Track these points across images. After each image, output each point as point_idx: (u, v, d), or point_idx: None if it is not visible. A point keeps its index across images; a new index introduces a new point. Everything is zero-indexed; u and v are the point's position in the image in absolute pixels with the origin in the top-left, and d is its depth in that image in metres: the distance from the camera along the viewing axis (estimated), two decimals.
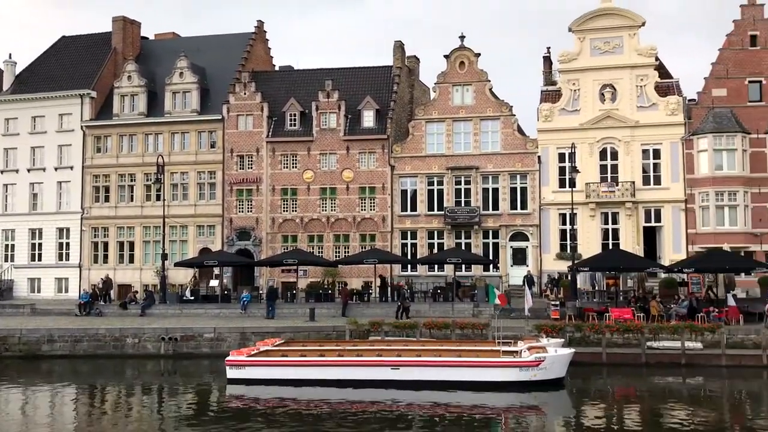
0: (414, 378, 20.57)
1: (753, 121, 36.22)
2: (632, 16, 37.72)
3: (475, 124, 39.04)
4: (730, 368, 23.25)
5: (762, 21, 37.51)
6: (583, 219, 36.85)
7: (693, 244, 35.76)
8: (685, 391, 21.55)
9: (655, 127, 36.80)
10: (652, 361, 23.90)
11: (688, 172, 36.45)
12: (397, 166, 39.82)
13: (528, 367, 20.41)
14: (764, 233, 35.43)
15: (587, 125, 37.39)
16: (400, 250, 39.28)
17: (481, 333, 25.74)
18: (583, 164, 36.21)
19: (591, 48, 37.98)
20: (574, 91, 38.00)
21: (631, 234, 36.54)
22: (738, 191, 35.56)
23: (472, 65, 39.39)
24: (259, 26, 47.16)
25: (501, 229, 38.32)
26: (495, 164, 38.63)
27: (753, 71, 36.79)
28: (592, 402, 19.98)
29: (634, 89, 37.29)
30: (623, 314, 27.02)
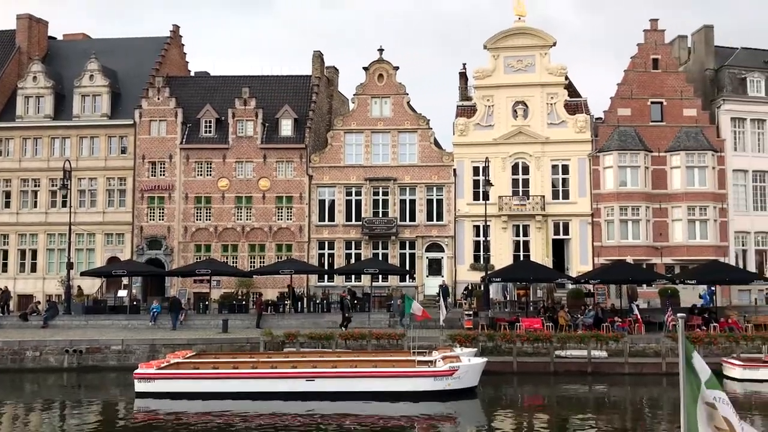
0: (330, 389, 20.47)
1: (654, 139, 38.23)
2: (544, 36, 39.16)
3: (393, 136, 39.44)
4: (633, 375, 24.35)
5: (663, 45, 39.75)
6: (495, 231, 37.80)
7: (599, 256, 37.29)
8: (590, 398, 22.39)
9: (564, 144, 38.26)
10: (560, 370, 24.73)
11: (594, 187, 38.04)
12: (315, 176, 39.69)
13: (442, 377, 20.68)
14: (664, 246, 37.38)
15: (500, 140, 38.46)
16: (317, 261, 39.10)
17: (396, 343, 25.94)
18: (496, 178, 37.20)
19: (505, 65, 39.15)
20: (489, 107, 39.03)
21: (541, 246, 37.76)
22: (640, 206, 37.40)
23: (391, 78, 39.84)
24: (174, 30, 46.06)
25: (417, 240, 38.79)
26: (412, 176, 39.12)
27: (655, 92, 38.85)
28: (503, 410, 20.44)
29: (545, 107, 38.67)
30: (533, 324, 27.86)
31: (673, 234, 37.73)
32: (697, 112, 38.69)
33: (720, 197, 38.00)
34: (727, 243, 38.02)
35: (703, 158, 37.84)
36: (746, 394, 21.81)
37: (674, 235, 37.70)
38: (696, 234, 37.54)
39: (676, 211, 37.76)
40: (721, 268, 32.37)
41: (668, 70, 39.17)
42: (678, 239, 37.57)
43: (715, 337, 25.86)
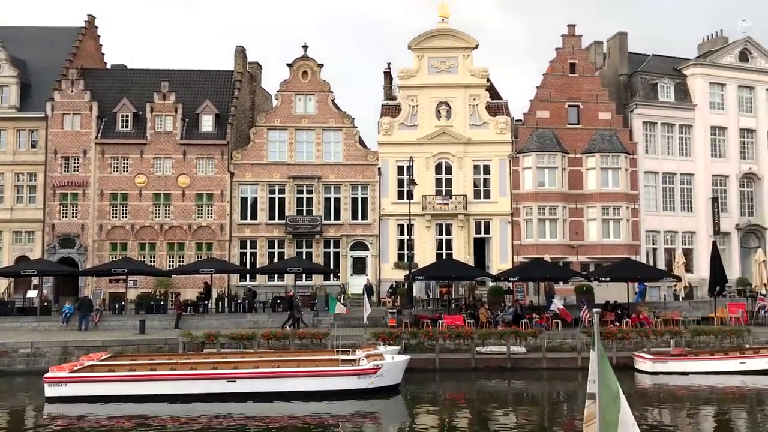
0: (251, 390, 20.17)
1: (571, 141, 39.51)
2: (467, 39, 39.80)
3: (318, 134, 39.22)
4: (550, 370, 25.06)
5: (580, 51, 41.13)
6: (419, 230, 38.18)
7: (518, 254, 38.24)
8: (509, 393, 22.88)
9: (485, 145, 39.03)
10: (481, 366, 25.19)
11: (514, 187, 38.97)
12: (237, 173, 38.99)
13: (366, 375, 20.72)
14: (580, 245, 38.69)
15: (424, 140, 38.85)
16: (239, 260, 38.44)
17: (320, 342, 25.79)
18: (420, 177, 37.59)
19: (429, 66, 39.58)
20: (413, 106, 39.37)
21: (463, 244, 38.39)
22: (558, 206, 38.57)
23: (315, 75, 39.59)
24: (89, 21, 44.25)
25: (342, 239, 38.71)
26: (337, 174, 39.01)
27: (572, 96, 40.15)
28: (425, 407, 20.62)
29: (468, 108, 39.33)
30: (455, 321, 28.28)
31: (588, 233, 39.12)
32: (612, 115, 40.25)
33: (632, 198, 39.66)
34: (639, 242, 39.74)
35: (616, 160, 39.37)
36: (656, 386, 22.80)
37: (589, 234, 39.09)
38: (610, 233, 39.06)
39: (591, 211, 39.16)
40: (633, 266, 33.73)
41: (585, 74, 40.55)
42: (593, 238, 38.97)
43: (627, 332, 26.90)
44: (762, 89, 43.65)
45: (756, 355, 25.06)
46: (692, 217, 41.45)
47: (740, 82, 43.23)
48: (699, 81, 42.44)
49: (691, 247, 41.13)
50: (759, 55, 43.85)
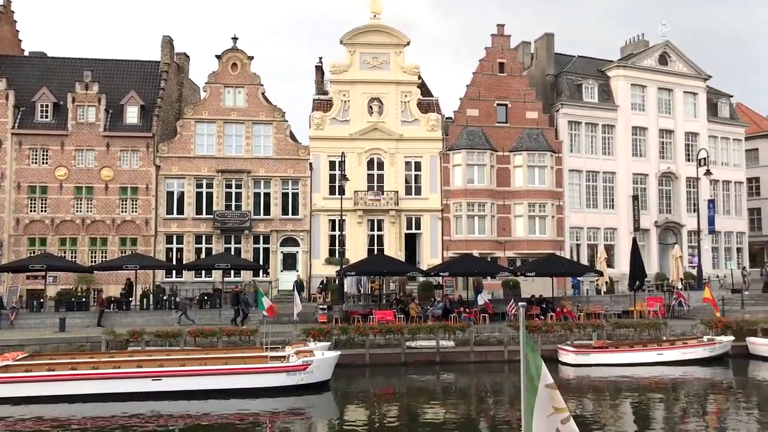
0: (178, 388, 19.73)
1: (500, 140, 40.25)
2: (398, 35, 39.95)
3: (248, 128, 38.60)
4: (478, 364, 25.51)
5: (509, 50, 41.91)
6: (351, 225, 38.14)
7: (448, 250, 38.71)
8: (438, 387, 23.15)
9: (417, 141, 39.31)
10: (411, 360, 25.39)
11: (444, 184, 39.42)
12: (164, 167, 37.98)
13: (295, 372, 20.58)
14: (507, 241, 39.48)
15: (356, 135, 38.82)
16: (165, 255, 37.47)
17: (249, 339, 25.45)
18: (352, 173, 37.54)
19: (361, 62, 39.54)
20: (345, 102, 39.26)
21: (395, 240, 38.58)
22: (486, 203, 39.25)
23: (245, 68, 38.95)
24: (5, 4, 42.16)
25: (272, 234, 38.27)
26: (267, 169, 38.51)
27: (500, 95, 40.88)
28: (355, 403, 20.64)
29: (399, 104, 39.52)
30: (386, 316, 28.41)
31: (515, 229, 39.97)
32: (539, 114, 41.21)
33: (557, 195, 40.75)
34: (563, 238, 40.88)
35: (542, 158, 40.35)
36: (578, 377, 23.51)
37: (516, 230, 39.95)
38: (536, 229, 40.02)
39: (518, 208, 40.02)
40: (558, 261, 34.67)
41: (513, 74, 41.35)
42: (519, 234, 39.85)
43: (552, 326, 27.63)
44: (680, 92, 45.59)
45: (672, 347, 26.21)
46: (614, 215, 42.94)
47: (660, 84, 45.01)
48: (621, 82, 43.97)
49: (613, 243, 42.60)
50: (677, 58, 45.76)
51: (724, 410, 19.56)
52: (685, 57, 45.90)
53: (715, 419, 18.55)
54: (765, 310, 31.59)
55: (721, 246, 46.76)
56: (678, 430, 17.10)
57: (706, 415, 19.11)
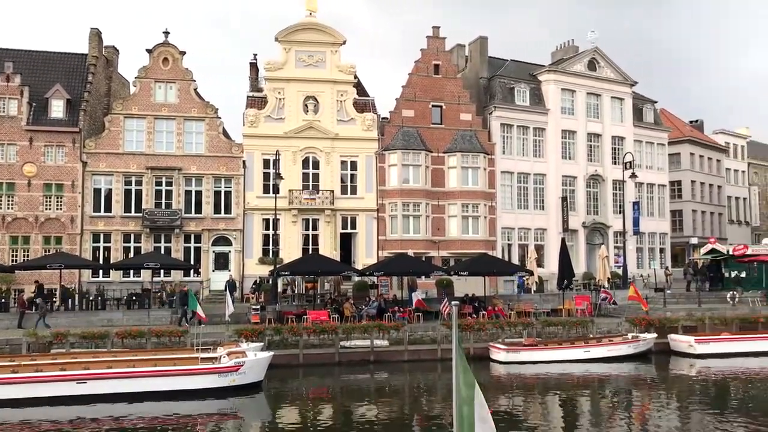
0: (105, 391, 19.10)
1: (435, 141, 40.66)
2: (334, 34, 39.83)
3: (179, 124, 37.74)
4: (412, 362, 25.67)
5: (444, 53, 42.38)
6: (285, 224, 37.81)
7: (383, 249, 38.85)
8: (372, 386, 23.17)
9: (352, 141, 39.29)
10: (345, 360, 25.35)
11: (380, 183, 39.54)
12: (90, 163, 36.72)
13: (227, 373, 20.24)
14: (441, 240, 39.91)
15: (291, 134, 38.49)
16: (91, 254, 36.24)
17: (179, 340, 24.88)
18: (287, 171, 37.24)
19: (296, 59, 39.24)
20: (280, 99, 38.87)
21: (330, 240, 38.45)
22: (421, 203, 39.58)
23: (177, 63, 38.07)
24: None
25: (204, 233, 37.52)
26: (199, 166, 37.74)
27: (435, 97, 41.30)
28: (288, 403, 20.43)
29: (335, 103, 39.40)
30: (320, 316, 28.27)
31: (449, 229, 40.46)
32: (472, 116, 41.84)
33: (490, 196, 41.46)
34: (495, 238, 41.63)
35: (476, 160, 40.98)
36: (509, 374, 23.96)
37: (450, 230, 40.45)
38: (469, 229, 40.62)
39: (452, 208, 40.52)
40: (490, 261, 35.25)
41: (448, 76, 41.85)
42: (453, 234, 40.37)
43: (484, 324, 28.06)
44: (607, 97, 47.11)
45: (598, 344, 27.02)
46: (544, 215, 44.01)
47: (588, 89, 46.38)
48: (552, 87, 45.09)
49: (543, 243, 43.64)
50: (605, 64, 47.26)
51: (646, 404, 20.30)
52: (612, 63, 47.45)
53: (639, 413, 19.22)
54: (686, 308, 32.96)
55: (645, 246, 48.56)
56: (604, 424, 17.63)
57: (631, 409, 19.79)
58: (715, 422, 17.34)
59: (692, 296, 36.26)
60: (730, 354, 27.41)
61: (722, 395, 21.54)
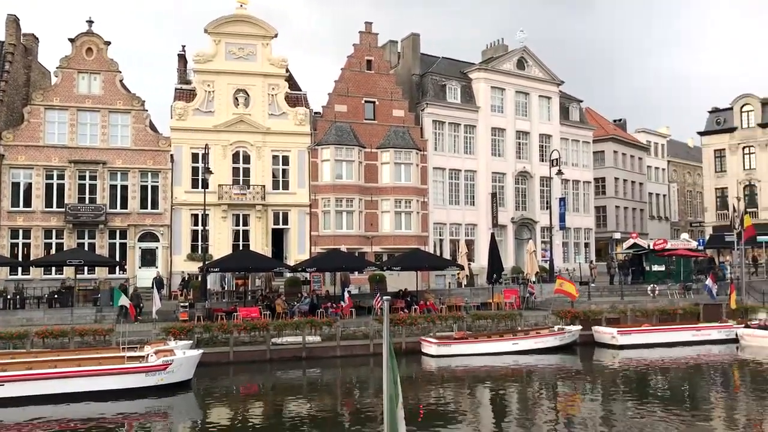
0: (25, 393, 18.33)
1: (368, 136, 40.72)
2: (266, 27, 39.30)
3: (104, 116, 36.51)
4: (344, 358, 25.65)
5: (377, 48, 42.45)
6: (215, 220, 37.14)
7: (315, 245, 38.67)
8: (304, 383, 23.04)
9: (284, 135, 38.90)
10: (276, 357, 25.12)
11: (313, 179, 39.31)
12: (9, 156, 35.10)
13: (155, 372, 19.76)
14: (374, 236, 40.03)
15: (221, 127, 37.81)
16: (9, 251, 34.67)
17: (104, 339, 24.11)
18: (216, 166, 36.59)
19: (226, 52, 38.54)
20: (209, 92, 38.12)
21: (261, 235, 37.99)
22: (354, 198, 39.58)
23: (102, 53, 36.80)
24: None
25: (129, 229, 36.45)
26: (124, 160, 36.62)
27: (368, 92, 41.34)
28: (218, 402, 20.10)
29: (266, 97, 38.91)
30: (251, 313, 27.91)
31: (382, 224, 40.62)
32: (405, 113, 42.10)
33: (422, 192, 41.84)
34: (428, 233, 42.06)
35: (408, 156, 41.26)
36: (440, 368, 24.26)
37: (383, 226, 40.62)
38: (402, 225, 40.90)
39: (385, 204, 40.70)
40: (422, 256, 35.57)
41: (380, 71, 41.96)
42: (386, 229, 40.56)
43: (416, 319, 28.32)
44: (535, 95, 48.23)
45: (526, 337, 27.68)
46: (474, 211, 44.75)
47: (517, 87, 47.36)
48: (482, 85, 45.82)
49: (473, 239, 44.37)
50: (534, 64, 48.35)
51: (571, 394, 20.94)
52: (540, 63, 48.59)
53: (564, 402, 19.81)
54: (609, 300, 34.13)
55: (571, 241, 50.03)
56: (531, 415, 18.09)
57: (557, 399, 20.37)
58: (636, 410, 18.05)
59: (615, 289, 37.58)
60: (650, 344, 28.56)
61: (643, 384, 22.42)
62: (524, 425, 16.88)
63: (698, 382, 23.26)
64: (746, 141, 51.13)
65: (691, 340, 29.51)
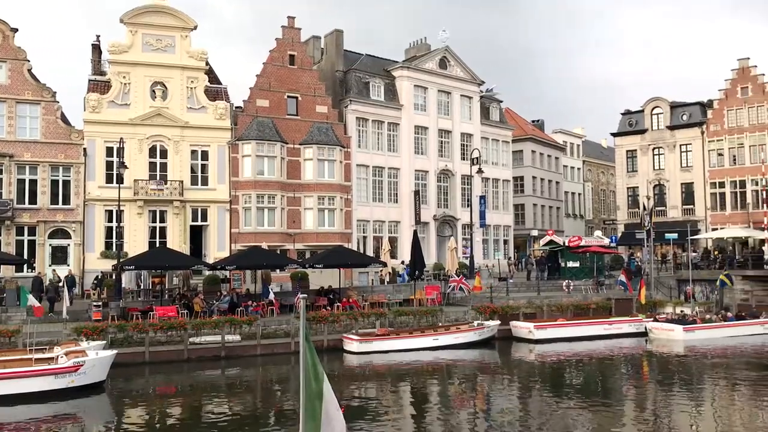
0: None
1: (290, 132, 40.30)
2: (185, 18, 38.26)
3: (10, 107, 34.65)
4: (265, 356, 25.34)
5: (299, 44, 42.05)
6: (130, 216, 35.92)
7: (236, 242, 37.97)
8: (223, 382, 22.60)
9: (204, 130, 38.01)
10: (194, 356, 24.56)
11: (233, 174, 38.58)
12: None
13: (65, 374, 18.95)
14: (297, 233, 39.67)
15: (137, 121, 36.58)
16: None
17: (9, 341, 22.90)
18: (132, 160, 35.40)
19: (143, 43, 37.30)
20: (125, 84, 36.80)
21: (179, 232, 37.01)
22: (276, 195, 39.10)
23: (8, 41, 34.91)
24: None
25: (39, 225, 34.76)
26: (33, 153, 34.89)
27: (291, 87, 40.91)
28: (133, 403, 19.45)
29: (185, 90, 37.90)
30: (168, 312, 27.17)
31: (304, 221, 40.30)
32: (328, 109, 41.89)
33: (345, 189, 41.76)
34: (351, 230, 42.03)
35: (332, 152, 41.10)
36: (362, 365, 24.30)
37: (306, 223, 40.31)
38: (325, 222, 40.70)
39: (307, 200, 40.39)
40: (345, 253, 35.49)
41: (303, 67, 41.59)
42: (309, 226, 40.26)
43: (338, 316, 28.26)
44: (457, 95, 48.96)
45: (447, 332, 28.10)
46: (398, 208, 45.04)
47: (440, 87, 47.95)
48: (405, 83, 46.15)
49: (396, 236, 44.66)
50: (455, 63, 49.05)
51: (490, 387, 21.38)
52: (462, 63, 49.34)
53: (483, 395, 20.21)
54: (526, 296, 35.02)
55: (491, 238, 51.10)
56: (451, 409, 18.35)
57: (476, 393, 20.75)
58: (551, 402, 18.60)
59: (532, 285, 38.62)
60: (565, 338, 29.54)
61: (558, 377, 23.15)
62: (445, 420, 17.10)
63: (610, 374, 24.22)
64: (656, 142, 53.52)
65: (603, 333, 30.70)
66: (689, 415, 17.53)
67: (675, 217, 51.01)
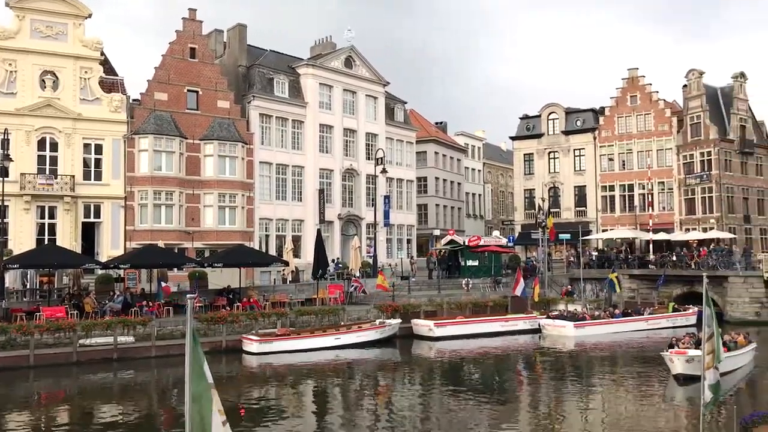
0: None
1: (190, 127, 39.17)
2: (78, 5, 36.42)
3: None
4: (160, 358, 24.48)
5: (201, 37, 40.94)
6: (16, 212, 33.86)
7: (131, 240, 36.53)
8: (116, 385, 21.70)
9: (97, 122, 36.35)
10: (84, 359, 23.45)
11: (129, 170, 37.09)
12: None
13: None
14: (196, 231, 38.61)
15: (25, 111, 34.51)
16: None
17: None
18: (18, 153, 33.37)
19: (32, 29, 35.25)
20: (11, 72, 34.65)
21: (69, 229, 35.23)
22: (174, 191, 37.90)
23: None
24: None
25: None
26: None
27: (191, 81, 39.77)
28: (14, 409, 18.28)
29: (78, 81, 36.11)
30: (55, 313, 25.87)
31: (204, 219, 39.29)
32: (230, 104, 41.02)
33: (248, 186, 41.03)
34: (253, 228, 41.33)
35: (234, 149, 40.27)
36: (262, 365, 23.94)
37: (206, 220, 39.30)
38: (225, 220, 39.83)
39: (208, 198, 39.39)
40: (246, 252, 34.88)
41: (204, 60, 40.54)
42: (209, 224, 39.28)
43: (238, 316, 27.73)
44: (362, 95, 49.12)
45: (348, 331, 28.13)
46: (301, 207, 44.68)
47: (345, 86, 47.95)
48: (310, 81, 45.85)
49: (300, 234, 44.31)
50: (361, 63, 49.20)
51: (391, 385, 21.58)
52: (367, 63, 49.55)
53: (385, 393, 20.35)
54: (427, 294, 35.62)
55: (395, 237, 51.62)
56: (353, 408, 18.37)
57: (377, 391, 20.87)
58: (450, 398, 18.97)
59: (433, 283, 39.31)
60: (464, 336, 30.23)
61: (457, 374, 23.64)
62: (345, 419, 17.09)
63: (506, 369, 25.01)
64: (551, 146, 55.70)
65: (500, 330, 31.66)
66: (579, 407, 18.33)
67: (568, 218, 53.29)
